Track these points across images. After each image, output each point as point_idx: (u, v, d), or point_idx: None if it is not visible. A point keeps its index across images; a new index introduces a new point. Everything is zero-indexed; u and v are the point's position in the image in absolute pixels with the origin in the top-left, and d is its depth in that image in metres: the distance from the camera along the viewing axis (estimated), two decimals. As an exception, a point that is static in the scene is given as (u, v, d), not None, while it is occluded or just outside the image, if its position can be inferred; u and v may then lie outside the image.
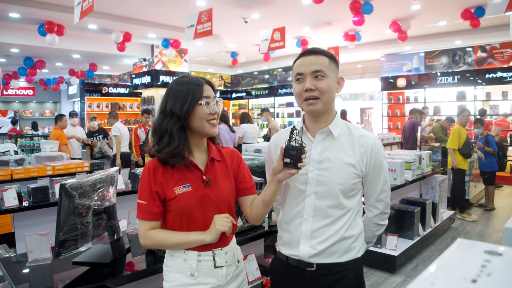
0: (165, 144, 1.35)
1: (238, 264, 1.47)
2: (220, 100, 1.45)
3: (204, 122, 1.37)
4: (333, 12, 7.07)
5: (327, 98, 1.40)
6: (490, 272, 0.39)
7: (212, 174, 1.41)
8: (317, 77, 1.39)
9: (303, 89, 1.40)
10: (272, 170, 1.34)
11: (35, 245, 1.81)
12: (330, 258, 1.40)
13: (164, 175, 1.36)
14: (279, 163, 1.30)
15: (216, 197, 1.39)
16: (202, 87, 1.38)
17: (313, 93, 1.38)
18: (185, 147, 1.36)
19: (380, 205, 1.52)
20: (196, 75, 1.54)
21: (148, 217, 1.36)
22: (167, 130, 1.35)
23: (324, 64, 1.40)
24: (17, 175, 3.95)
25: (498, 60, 8.73)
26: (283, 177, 1.31)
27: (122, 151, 6.83)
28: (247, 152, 5.24)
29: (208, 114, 1.37)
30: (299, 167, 1.28)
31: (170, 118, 1.36)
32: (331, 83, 1.40)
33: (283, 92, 12.55)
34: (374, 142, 1.44)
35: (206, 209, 1.38)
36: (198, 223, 1.37)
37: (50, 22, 6.83)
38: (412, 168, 4.30)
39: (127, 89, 13.02)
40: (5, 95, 14.09)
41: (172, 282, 1.38)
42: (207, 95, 1.38)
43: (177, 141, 1.34)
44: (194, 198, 1.35)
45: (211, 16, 5.59)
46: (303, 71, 1.41)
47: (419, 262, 4.01)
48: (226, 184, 1.44)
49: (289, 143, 1.29)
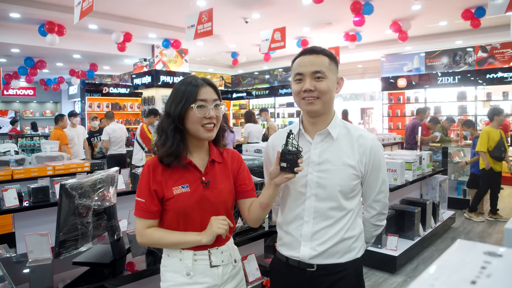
0: (161, 143, 1.36)
1: (235, 264, 1.46)
2: (222, 104, 1.41)
3: (198, 126, 1.35)
4: (333, 12, 7.07)
5: (326, 99, 1.39)
6: (490, 274, 0.39)
7: (212, 176, 1.41)
8: (317, 78, 1.37)
9: (302, 89, 1.39)
10: (269, 174, 1.34)
11: (35, 245, 1.81)
12: (330, 259, 1.40)
13: (164, 174, 1.36)
14: (276, 167, 1.30)
15: (214, 199, 1.39)
16: (198, 90, 1.35)
17: (312, 94, 1.38)
18: (179, 148, 1.35)
19: (377, 205, 1.52)
20: (203, 76, 1.52)
21: (146, 215, 1.36)
22: (164, 130, 1.37)
23: (324, 65, 1.38)
24: (18, 175, 3.95)
25: (498, 60, 8.72)
26: (280, 181, 1.31)
27: (116, 153, 6.80)
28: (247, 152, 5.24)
29: (201, 118, 1.34)
30: (295, 172, 1.27)
31: (167, 118, 1.37)
32: (331, 84, 1.39)
33: (283, 92, 12.55)
34: (373, 143, 1.44)
35: (203, 210, 1.37)
36: (195, 224, 1.37)
37: (51, 22, 6.83)
38: (412, 169, 4.30)
39: (128, 89, 13.03)
40: (6, 95, 14.11)
41: (169, 281, 1.38)
42: (203, 98, 1.35)
43: (171, 141, 1.34)
44: (192, 199, 1.35)
45: (212, 16, 5.58)
46: (302, 71, 1.39)
47: (420, 262, 4.00)
48: (225, 186, 1.43)
49: (286, 147, 1.28)
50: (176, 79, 9.72)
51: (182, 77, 9.84)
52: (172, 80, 9.64)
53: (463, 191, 6.31)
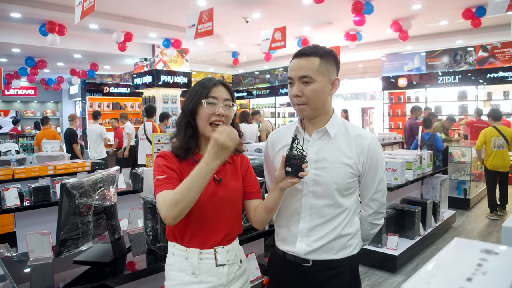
0: (174, 135, 1.43)
1: (241, 264, 1.47)
2: (234, 105, 1.43)
3: (206, 124, 1.37)
4: (334, 11, 7.07)
5: (314, 104, 1.39)
6: (486, 271, 0.39)
7: (223, 174, 1.42)
8: (304, 83, 1.38)
9: (292, 94, 1.41)
10: (275, 178, 1.35)
11: (36, 244, 1.82)
12: (326, 254, 1.42)
13: (179, 166, 1.39)
14: (281, 171, 1.31)
15: (226, 196, 1.40)
16: (210, 87, 1.39)
17: (300, 99, 1.39)
18: (190, 142, 1.38)
19: (374, 204, 1.52)
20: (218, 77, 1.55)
21: (168, 186, 1.29)
22: (178, 124, 1.44)
23: (312, 68, 1.37)
24: (18, 174, 3.96)
25: (499, 59, 8.71)
26: (285, 185, 1.32)
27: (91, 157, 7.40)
28: (247, 151, 5.24)
29: (210, 115, 1.37)
30: (300, 176, 1.28)
31: (182, 114, 1.44)
32: (319, 88, 1.38)
33: (284, 91, 12.54)
34: (371, 142, 1.44)
35: (215, 207, 1.38)
36: (206, 220, 1.37)
37: (52, 22, 6.84)
38: (413, 168, 4.29)
39: (128, 88, 13.03)
40: (7, 94, 14.11)
41: (174, 280, 1.38)
42: (214, 96, 1.38)
43: (183, 135, 1.40)
44: (204, 195, 1.34)
45: (212, 15, 5.59)
46: (292, 75, 1.41)
47: (420, 262, 4.00)
48: (235, 185, 1.45)
49: (291, 152, 1.29)
50: (176, 79, 9.73)
51: (182, 76, 9.86)
52: (173, 80, 9.65)
53: (464, 190, 6.32)
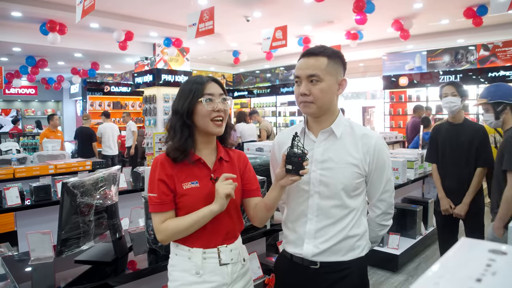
0: (170, 138, 1.41)
1: (244, 263, 1.47)
2: (229, 99, 1.44)
3: (208, 121, 1.38)
4: (334, 10, 7.05)
5: (321, 103, 1.39)
6: (495, 271, 0.39)
7: (220, 173, 1.42)
8: (312, 82, 1.38)
9: (299, 93, 1.41)
10: (275, 176, 1.35)
11: (37, 244, 1.81)
12: (333, 256, 1.40)
13: (174, 169, 1.38)
14: (282, 169, 1.31)
15: None
16: (205, 85, 1.39)
17: (307, 98, 1.38)
18: (187, 143, 1.37)
19: (382, 205, 1.51)
20: (206, 75, 1.55)
21: (159, 208, 1.35)
22: (172, 126, 1.41)
23: (320, 67, 1.37)
24: (19, 173, 3.96)
25: (500, 58, 8.69)
26: (285, 183, 1.32)
27: (105, 153, 7.41)
28: (249, 151, 5.24)
29: (211, 112, 1.37)
30: (301, 174, 1.28)
31: (175, 115, 1.41)
32: (327, 87, 1.38)
33: (285, 90, 12.53)
34: (377, 141, 1.43)
35: None
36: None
37: (52, 21, 6.83)
38: (414, 167, 4.29)
39: (129, 87, 13.04)
40: (7, 94, 14.13)
41: (177, 281, 1.37)
42: (210, 93, 1.39)
43: (179, 137, 1.38)
44: (201, 195, 1.36)
45: (213, 14, 5.58)
46: (299, 74, 1.41)
47: (421, 261, 4.00)
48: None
49: (291, 149, 1.28)
50: (177, 78, 9.72)
51: (183, 75, 9.84)
52: (174, 79, 9.64)
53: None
